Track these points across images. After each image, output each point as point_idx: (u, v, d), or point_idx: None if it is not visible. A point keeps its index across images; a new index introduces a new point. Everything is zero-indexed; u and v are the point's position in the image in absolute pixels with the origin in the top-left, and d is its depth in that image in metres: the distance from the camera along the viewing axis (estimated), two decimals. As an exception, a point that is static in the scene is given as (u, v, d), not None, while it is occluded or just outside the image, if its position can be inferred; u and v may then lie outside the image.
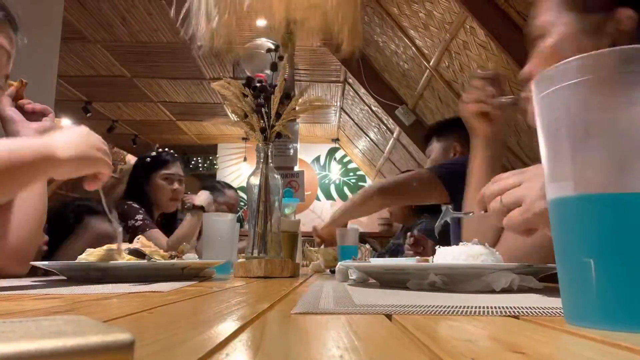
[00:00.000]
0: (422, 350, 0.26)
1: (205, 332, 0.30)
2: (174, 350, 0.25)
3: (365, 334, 0.31)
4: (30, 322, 0.19)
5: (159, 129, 6.91)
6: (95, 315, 0.39)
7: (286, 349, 0.26)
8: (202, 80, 5.19)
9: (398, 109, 4.14)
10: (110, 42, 4.40)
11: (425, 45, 3.37)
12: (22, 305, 0.46)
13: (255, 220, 1.11)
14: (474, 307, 0.42)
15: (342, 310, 0.41)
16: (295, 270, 1.12)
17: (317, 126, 6.88)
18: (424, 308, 0.41)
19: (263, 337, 0.29)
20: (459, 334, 0.31)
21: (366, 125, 5.78)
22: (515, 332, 0.32)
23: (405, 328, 0.33)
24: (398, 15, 3.37)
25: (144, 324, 0.35)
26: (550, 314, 0.39)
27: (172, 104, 5.96)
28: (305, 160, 7.30)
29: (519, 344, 0.27)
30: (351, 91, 5.29)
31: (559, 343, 0.28)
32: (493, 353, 0.25)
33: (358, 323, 0.35)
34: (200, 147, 7.64)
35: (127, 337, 0.17)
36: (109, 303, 0.49)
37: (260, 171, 1.13)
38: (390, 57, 3.93)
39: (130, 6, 3.83)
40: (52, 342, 0.15)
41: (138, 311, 0.41)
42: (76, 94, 5.46)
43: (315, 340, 0.30)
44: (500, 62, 2.74)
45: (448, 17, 2.89)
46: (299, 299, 0.51)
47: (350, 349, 0.25)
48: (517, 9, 2.40)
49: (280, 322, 0.36)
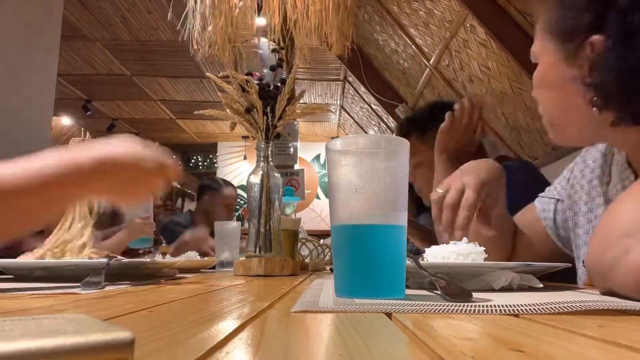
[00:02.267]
0: (421, 349, 0.26)
1: (205, 330, 0.30)
2: (174, 349, 0.25)
3: (365, 332, 0.31)
4: (31, 320, 0.19)
5: (159, 128, 6.91)
6: (95, 313, 0.39)
7: (286, 348, 0.26)
8: (202, 78, 5.19)
9: (398, 107, 4.14)
10: (110, 41, 4.40)
11: (425, 44, 3.37)
12: (22, 303, 0.46)
13: (257, 219, 1.11)
14: (474, 306, 0.42)
15: (342, 308, 0.41)
16: (296, 269, 1.12)
17: (317, 124, 6.88)
18: (424, 306, 0.41)
19: (263, 336, 0.29)
20: (459, 332, 0.31)
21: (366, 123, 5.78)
22: (515, 331, 0.32)
23: (405, 326, 0.33)
24: (398, 14, 3.36)
25: (144, 323, 0.35)
26: (550, 312, 0.39)
27: (172, 103, 5.96)
28: (305, 158, 7.30)
29: (519, 342, 0.27)
30: (351, 89, 5.29)
31: (559, 341, 0.28)
32: (493, 351, 0.25)
33: (358, 321, 0.35)
34: (200, 146, 7.64)
35: (127, 336, 0.17)
36: (109, 301, 0.49)
37: (261, 170, 1.13)
38: (390, 56, 3.93)
39: (131, 5, 3.83)
40: (52, 340, 0.16)
41: (138, 309, 0.41)
42: (76, 93, 5.46)
43: (315, 338, 0.30)
44: (500, 60, 2.73)
45: (448, 15, 2.88)
46: (298, 298, 0.51)
47: (349, 347, 0.26)
48: (517, 7, 2.40)
49: (280, 321, 0.36)
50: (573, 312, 0.39)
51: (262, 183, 1.12)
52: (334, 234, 0.53)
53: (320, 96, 5.82)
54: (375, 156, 0.51)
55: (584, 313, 0.40)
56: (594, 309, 0.40)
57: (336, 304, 0.44)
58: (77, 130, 6.26)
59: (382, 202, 0.50)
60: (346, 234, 0.52)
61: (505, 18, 2.46)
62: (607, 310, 0.41)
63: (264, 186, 1.11)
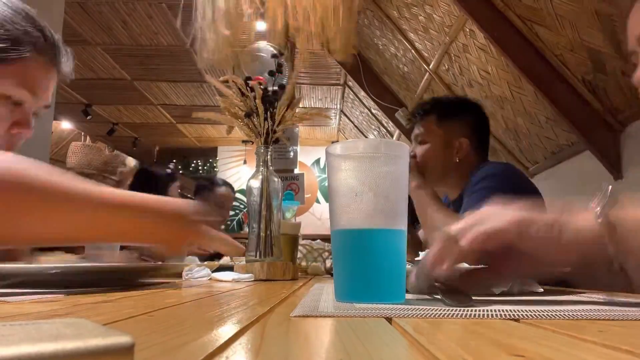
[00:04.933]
0: (422, 354, 0.26)
1: (205, 335, 0.30)
2: (174, 353, 0.25)
3: (365, 337, 0.31)
4: (30, 325, 0.19)
5: (159, 132, 6.91)
6: (95, 318, 0.39)
7: (286, 352, 0.26)
8: (202, 83, 5.19)
9: (398, 111, 4.14)
10: (111, 45, 4.41)
11: (424, 48, 3.38)
12: (21, 308, 0.46)
13: (257, 224, 1.11)
14: (474, 311, 0.42)
15: (342, 313, 0.41)
16: (296, 273, 1.12)
17: (317, 129, 6.89)
18: (424, 311, 0.41)
19: (263, 340, 0.29)
20: (460, 337, 0.31)
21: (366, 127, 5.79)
22: (515, 335, 0.32)
23: (405, 331, 0.33)
24: (398, 19, 3.37)
25: (144, 327, 0.35)
26: (550, 317, 0.39)
27: (172, 107, 5.96)
28: (305, 162, 7.30)
29: (520, 347, 0.27)
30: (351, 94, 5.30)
31: (559, 346, 0.28)
32: (493, 356, 0.25)
33: (358, 326, 0.35)
34: (200, 150, 7.64)
35: (127, 340, 0.17)
36: (109, 306, 0.49)
37: (260, 174, 1.13)
38: (390, 60, 3.94)
39: (131, 9, 3.84)
40: (51, 345, 0.15)
41: (138, 314, 0.41)
42: (76, 97, 5.47)
43: (315, 343, 0.30)
44: (500, 65, 2.74)
45: (448, 20, 2.89)
46: (298, 302, 0.51)
47: (350, 352, 0.25)
48: (516, 12, 2.41)
49: (280, 325, 0.36)
50: (573, 317, 0.39)
51: (262, 187, 1.12)
52: (334, 238, 0.53)
53: (320, 100, 5.83)
54: (376, 160, 0.51)
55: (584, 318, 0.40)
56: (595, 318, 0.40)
57: (336, 309, 0.43)
58: (77, 134, 6.26)
59: (382, 206, 0.50)
60: (346, 239, 0.52)
61: (504, 23, 2.47)
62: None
63: (264, 191, 1.11)
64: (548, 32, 2.31)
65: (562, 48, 2.30)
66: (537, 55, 2.44)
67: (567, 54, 2.31)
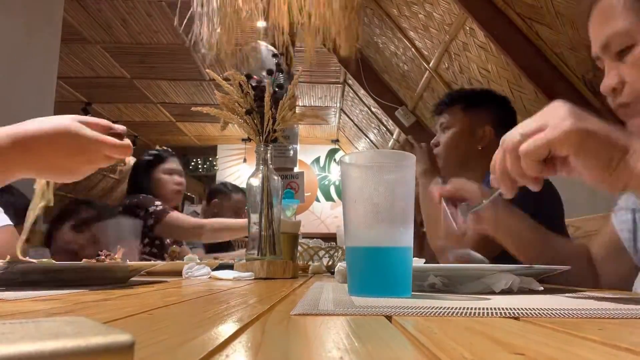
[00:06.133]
0: (422, 352, 0.26)
1: (205, 333, 0.30)
2: (174, 352, 0.25)
3: (365, 335, 0.31)
4: (30, 323, 0.19)
5: (159, 130, 6.91)
6: (95, 316, 0.39)
7: (286, 350, 0.26)
8: (201, 81, 5.19)
9: (398, 110, 4.14)
10: (110, 44, 4.41)
11: (424, 47, 3.37)
12: (21, 306, 0.46)
13: (258, 222, 1.11)
14: (474, 309, 0.42)
15: (342, 311, 0.41)
16: (295, 272, 1.12)
17: (317, 127, 6.88)
18: (424, 309, 0.41)
19: (263, 338, 0.29)
20: (459, 335, 0.31)
21: (366, 126, 5.78)
22: (515, 334, 0.32)
23: (405, 329, 0.33)
24: (398, 17, 3.37)
25: (144, 325, 0.35)
26: (550, 315, 0.39)
27: (172, 105, 5.96)
28: (305, 161, 7.30)
29: (519, 346, 0.27)
30: (351, 92, 5.30)
31: (559, 344, 0.28)
32: (493, 354, 0.25)
33: (358, 324, 0.35)
34: (200, 148, 7.64)
35: (127, 339, 0.17)
36: (109, 304, 0.49)
37: (260, 173, 1.13)
38: (390, 59, 3.94)
39: (131, 8, 3.83)
40: (52, 343, 0.15)
41: (138, 312, 0.41)
42: (76, 95, 5.46)
43: (315, 341, 0.30)
44: (500, 63, 2.74)
45: (448, 18, 2.89)
46: (298, 300, 0.51)
47: (350, 350, 0.25)
48: (516, 11, 2.40)
49: (280, 323, 0.36)
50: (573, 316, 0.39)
51: (262, 186, 1.12)
52: (348, 239, 0.58)
53: (320, 99, 5.83)
54: (386, 169, 0.56)
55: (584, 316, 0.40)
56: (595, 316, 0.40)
57: (336, 307, 0.43)
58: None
59: (391, 214, 0.56)
60: (360, 241, 0.57)
61: (504, 21, 2.47)
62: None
63: (264, 189, 1.11)
64: (548, 31, 2.31)
65: (562, 46, 2.30)
66: (537, 54, 2.44)
67: (567, 53, 2.31)
